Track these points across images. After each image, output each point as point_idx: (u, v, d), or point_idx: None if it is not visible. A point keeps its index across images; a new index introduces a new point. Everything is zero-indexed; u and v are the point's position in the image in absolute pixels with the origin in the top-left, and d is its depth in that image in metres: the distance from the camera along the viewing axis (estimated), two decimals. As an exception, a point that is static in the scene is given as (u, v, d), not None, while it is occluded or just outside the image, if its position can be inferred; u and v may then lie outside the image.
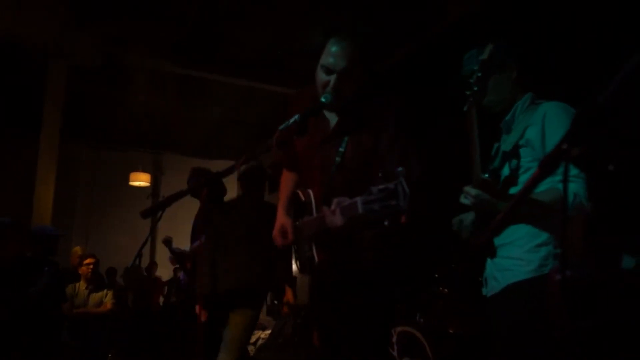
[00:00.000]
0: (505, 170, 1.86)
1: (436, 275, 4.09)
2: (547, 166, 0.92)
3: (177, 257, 4.49)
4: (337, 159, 1.84)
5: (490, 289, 1.87)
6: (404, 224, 1.42)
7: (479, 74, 1.77)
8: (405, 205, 1.38)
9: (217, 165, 5.10)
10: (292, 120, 1.69)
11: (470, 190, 1.68)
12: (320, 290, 2.04)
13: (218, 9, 5.38)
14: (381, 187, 1.41)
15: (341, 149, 1.85)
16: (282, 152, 2.12)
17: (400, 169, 1.40)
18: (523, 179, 1.80)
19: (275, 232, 2.04)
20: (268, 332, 8.13)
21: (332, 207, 1.66)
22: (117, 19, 5.55)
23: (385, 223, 1.43)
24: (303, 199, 2.02)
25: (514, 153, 1.82)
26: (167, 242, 4.66)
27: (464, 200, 1.72)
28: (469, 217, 1.84)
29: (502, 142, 1.94)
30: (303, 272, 2.03)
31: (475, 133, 1.71)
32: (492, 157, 1.98)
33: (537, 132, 1.76)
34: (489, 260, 1.88)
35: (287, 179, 2.19)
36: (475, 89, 1.77)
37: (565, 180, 0.94)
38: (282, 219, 2.04)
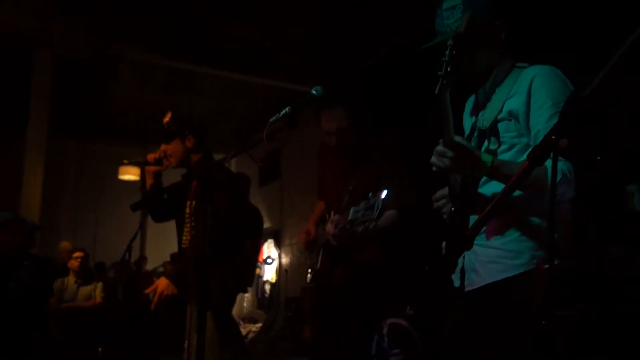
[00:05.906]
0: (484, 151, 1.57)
1: (426, 267, 4.12)
2: (536, 158, 0.93)
3: None
4: (350, 187, 2.53)
5: (469, 282, 1.57)
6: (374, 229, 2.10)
7: (454, 52, 1.36)
8: (375, 216, 1.97)
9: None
10: (282, 112, 1.69)
11: (445, 149, 1.39)
12: (318, 294, 2.73)
13: (207, 1, 5.33)
14: (367, 201, 2.02)
15: (354, 181, 2.55)
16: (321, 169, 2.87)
17: (385, 191, 1.95)
18: (506, 157, 1.53)
19: (302, 231, 2.78)
20: (259, 325, 8.15)
21: (332, 218, 2.38)
22: (105, 10, 5.48)
23: (362, 228, 2.10)
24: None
25: (493, 130, 1.56)
26: None
27: (435, 161, 1.44)
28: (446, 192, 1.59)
29: (478, 117, 1.64)
30: (312, 280, 2.62)
31: (450, 119, 1.40)
32: (468, 137, 1.67)
33: (520, 102, 1.49)
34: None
35: (318, 206, 2.92)
36: (449, 69, 1.36)
37: (554, 174, 0.95)
38: (309, 225, 2.79)
